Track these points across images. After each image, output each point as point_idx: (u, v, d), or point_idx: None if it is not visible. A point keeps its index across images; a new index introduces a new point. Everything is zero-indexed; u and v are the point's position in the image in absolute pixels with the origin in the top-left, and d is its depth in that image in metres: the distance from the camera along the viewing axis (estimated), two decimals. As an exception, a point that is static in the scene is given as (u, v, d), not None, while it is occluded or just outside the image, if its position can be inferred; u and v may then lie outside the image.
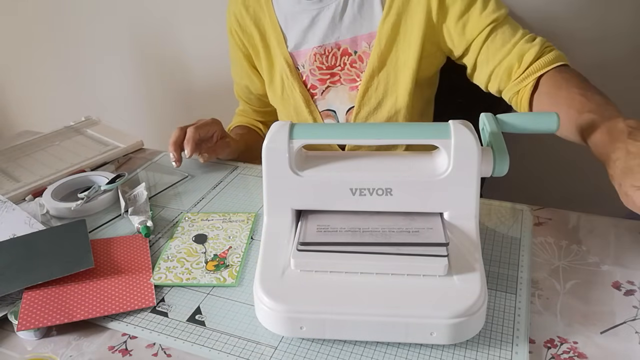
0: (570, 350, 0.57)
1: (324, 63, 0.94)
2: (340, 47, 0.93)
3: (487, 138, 0.65)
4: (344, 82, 0.95)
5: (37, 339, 0.62)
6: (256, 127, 1.14)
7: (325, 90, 0.96)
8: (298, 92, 0.97)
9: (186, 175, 0.96)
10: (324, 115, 0.99)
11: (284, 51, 0.96)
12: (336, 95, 0.97)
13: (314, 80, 0.96)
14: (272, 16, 0.96)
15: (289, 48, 0.96)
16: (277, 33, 0.96)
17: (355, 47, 0.92)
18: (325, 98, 0.97)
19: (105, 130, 1.14)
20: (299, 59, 0.96)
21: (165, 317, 0.63)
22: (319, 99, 0.98)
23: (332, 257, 0.59)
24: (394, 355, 0.57)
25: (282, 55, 0.96)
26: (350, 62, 0.93)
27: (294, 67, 0.96)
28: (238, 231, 0.78)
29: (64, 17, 1.82)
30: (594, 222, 0.77)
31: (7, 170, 0.99)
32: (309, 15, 0.92)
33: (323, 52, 0.93)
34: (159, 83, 1.81)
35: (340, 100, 0.97)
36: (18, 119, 2.21)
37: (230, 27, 1.02)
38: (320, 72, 0.95)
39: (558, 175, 1.35)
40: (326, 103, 0.98)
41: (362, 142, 0.65)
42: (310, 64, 0.95)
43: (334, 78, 0.95)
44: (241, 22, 0.99)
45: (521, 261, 0.70)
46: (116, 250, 0.74)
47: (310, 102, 0.97)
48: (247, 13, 0.98)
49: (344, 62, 0.93)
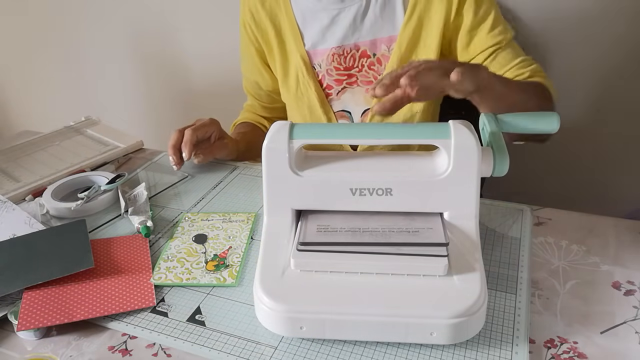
0: (570, 350, 0.57)
1: (342, 64, 0.94)
2: (359, 49, 0.93)
3: (487, 138, 0.65)
4: (361, 83, 0.95)
5: (37, 339, 0.62)
6: (261, 124, 1.13)
7: (341, 91, 0.96)
8: (313, 91, 0.96)
9: (186, 175, 0.96)
10: (339, 116, 0.99)
11: (301, 49, 0.95)
12: (352, 96, 0.96)
13: (330, 80, 0.96)
14: (289, 12, 0.95)
15: (306, 46, 0.95)
16: (293, 30, 0.95)
17: (374, 50, 0.92)
18: (341, 99, 0.97)
19: (105, 130, 1.14)
20: (316, 58, 0.96)
21: (165, 317, 0.63)
22: (334, 99, 0.97)
23: (332, 257, 0.59)
24: (394, 355, 0.57)
25: (299, 52, 0.95)
26: (368, 64, 0.93)
27: (310, 66, 0.96)
28: (238, 231, 0.78)
29: (64, 17, 1.83)
30: (594, 222, 0.77)
31: (7, 170, 0.99)
32: (329, 15, 0.92)
33: (341, 53, 0.93)
34: (159, 83, 1.81)
35: (356, 102, 0.97)
36: (18, 119, 2.21)
37: (244, 21, 1.00)
38: (338, 72, 0.95)
39: (558, 175, 1.35)
40: (341, 104, 0.98)
41: (362, 142, 0.65)
42: (328, 64, 0.95)
43: (351, 79, 0.95)
44: (256, 16, 0.98)
45: (521, 261, 0.70)
46: (116, 250, 0.74)
47: (325, 102, 0.97)
48: (263, 8, 0.97)
49: (362, 64, 0.93)
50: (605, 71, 1.19)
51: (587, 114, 1.24)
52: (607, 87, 1.21)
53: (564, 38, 1.18)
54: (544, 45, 1.20)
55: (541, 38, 1.19)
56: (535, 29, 1.19)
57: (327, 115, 0.98)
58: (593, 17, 1.15)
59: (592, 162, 1.30)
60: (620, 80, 1.19)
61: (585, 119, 1.25)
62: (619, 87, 1.20)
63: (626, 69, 1.17)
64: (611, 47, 1.16)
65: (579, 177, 1.33)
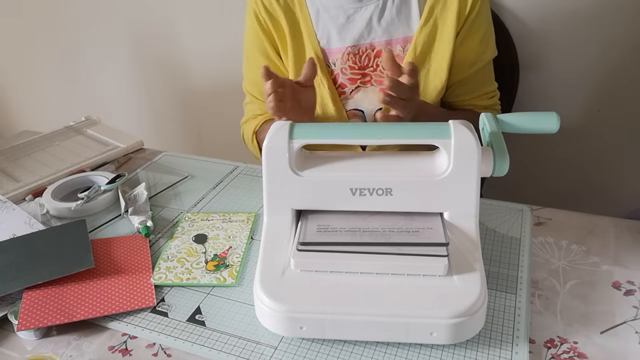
0: (570, 350, 0.57)
1: (357, 63, 0.94)
2: (374, 48, 0.93)
3: (487, 138, 0.65)
4: (375, 83, 0.95)
5: (37, 339, 0.62)
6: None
7: (355, 90, 0.96)
8: (326, 89, 0.96)
9: (186, 175, 0.96)
10: (351, 115, 0.98)
11: (315, 46, 0.95)
12: (365, 95, 0.96)
13: (344, 79, 0.96)
14: (304, 8, 0.94)
15: (321, 44, 0.95)
16: (308, 26, 0.95)
17: None
18: (354, 97, 0.97)
19: (105, 130, 1.14)
20: (331, 56, 0.95)
21: (165, 317, 0.63)
22: (347, 97, 0.97)
23: (332, 257, 0.59)
24: (394, 355, 0.57)
25: (314, 49, 0.95)
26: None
27: (324, 64, 0.95)
28: (238, 231, 0.78)
29: (64, 17, 1.83)
30: (594, 222, 0.77)
31: (7, 170, 0.99)
32: (345, 13, 0.92)
33: (357, 52, 0.93)
34: (159, 83, 1.81)
35: (369, 101, 0.96)
36: (18, 119, 2.21)
37: (257, 12, 0.98)
38: (352, 71, 0.95)
39: (558, 175, 1.35)
40: (354, 102, 0.97)
41: (362, 142, 0.65)
42: (343, 62, 0.94)
43: (365, 78, 0.95)
44: (269, 8, 0.96)
45: (521, 261, 0.70)
46: (116, 250, 0.74)
47: (337, 100, 0.97)
48: (277, 2, 0.96)
49: (377, 64, 0.93)
50: (605, 71, 1.19)
51: (588, 114, 1.24)
52: (607, 87, 1.20)
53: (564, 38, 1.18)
54: (544, 45, 1.20)
55: (541, 38, 1.19)
56: (535, 29, 1.19)
57: (339, 114, 0.97)
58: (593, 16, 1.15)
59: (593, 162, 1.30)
60: (621, 80, 1.19)
61: (585, 119, 1.25)
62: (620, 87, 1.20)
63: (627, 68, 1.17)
64: (611, 47, 1.16)
65: (579, 177, 1.33)
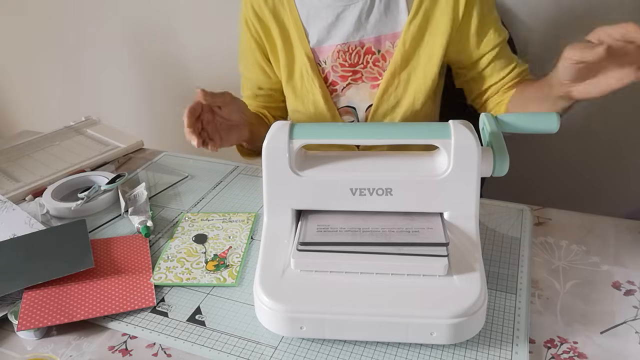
0: (570, 350, 0.57)
1: (347, 60, 0.95)
2: (364, 46, 0.93)
3: (487, 138, 0.65)
4: (366, 80, 0.96)
5: (37, 339, 0.62)
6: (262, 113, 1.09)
7: (346, 87, 0.97)
8: (317, 88, 0.96)
9: (186, 175, 0.96)
10: (343, 112, 0.99)
11: (306, 46, 0.95)
12: (357, 92, 0.97)
13: (335, 76, 0.96)
14: (294, 10, 0.95)
15: (311, 43, 0.95)
16: (298, 27, 0.95)
17: (379, 46, 0.93)
18: (346, 95, 0.98)
19: (105, 130, 1.14)
20: (321, 55, 0.96)
21: (165, 317, 0.63)
22: (339, 95, 0.98)
23: (332, 257, 0.59)
24: (394, 355, 0.57)
25: (304, 50, 0.95)
26: (373, 60, 0.94)
27: (314, 63, 0.96)
28: (238, 231, 0.78)
29: (64, 17, 1.83)
30: (594, 222, 0.77)
31: (7, 170, 0.99)
32: (334, 12, 0.92)
33: (347, 50, 0.94)
34: (159, 83, 1.81)
35: (360, 98, 0.97)
36: (18, 119, 2.21)
37: (247, 17, 0.99)
38: (343, 69, 0.95)
39: (558, 175, 1.35)
40: (346, 100, 0.98)
41: (362, 142, 0.65)
42: (333, 60, 0.95)
43: (356, 75, 0.96)
44: (259, 12, 0.98)
45: (521, 261, 0.70)
46: (116, 250, 0.74)
47: (328, 99, 0.97)
48: (266, 5, 0.97)
49: (367, 61, 0.94)
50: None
51: (588, 113, 1.24)
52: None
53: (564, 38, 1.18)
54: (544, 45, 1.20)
55: (541, 38, 1.19)
56: (535, 29, 1.19)
57: (331, 112, 0.98)
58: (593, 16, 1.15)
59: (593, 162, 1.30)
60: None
61: (585, 119, 1.25)
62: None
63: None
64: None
65: (579, 177, 1.33)
